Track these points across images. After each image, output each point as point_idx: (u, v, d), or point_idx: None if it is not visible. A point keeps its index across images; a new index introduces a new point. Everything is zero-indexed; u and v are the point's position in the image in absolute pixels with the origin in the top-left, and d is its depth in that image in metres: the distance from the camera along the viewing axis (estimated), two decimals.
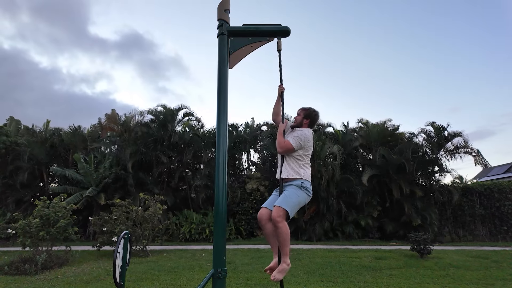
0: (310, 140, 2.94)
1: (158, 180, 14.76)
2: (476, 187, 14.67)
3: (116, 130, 15.18)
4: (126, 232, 2.48)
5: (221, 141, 2.72)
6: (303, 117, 3.08)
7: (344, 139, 14.73)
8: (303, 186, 2.77)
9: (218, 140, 2.72)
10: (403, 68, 49.25)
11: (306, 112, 3.10)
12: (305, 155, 2.91)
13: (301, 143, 2.86)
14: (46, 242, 7.60)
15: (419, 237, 8.58)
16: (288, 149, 2.87)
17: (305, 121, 3.06)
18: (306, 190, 2.79)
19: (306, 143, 2.89)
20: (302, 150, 2.89)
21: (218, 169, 2.65)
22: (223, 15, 2.98)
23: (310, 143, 2.94)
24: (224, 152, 2.72)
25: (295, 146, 2.85)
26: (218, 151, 2.71)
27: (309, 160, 2.95)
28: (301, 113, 3.11)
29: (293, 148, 2.85)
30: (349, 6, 44.53)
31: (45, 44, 44.60)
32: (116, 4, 47.07)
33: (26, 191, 14.66)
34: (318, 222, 13.27)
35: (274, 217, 2.63)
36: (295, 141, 2.86)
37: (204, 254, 9.20)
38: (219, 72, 2.88)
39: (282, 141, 2.91)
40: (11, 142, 14.32)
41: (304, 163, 2.89)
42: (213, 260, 2.42)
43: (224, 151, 2.72)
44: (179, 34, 55.55)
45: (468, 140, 13.39)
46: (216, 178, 2.64)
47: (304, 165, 2.89)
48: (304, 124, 3.05)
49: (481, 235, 14.08)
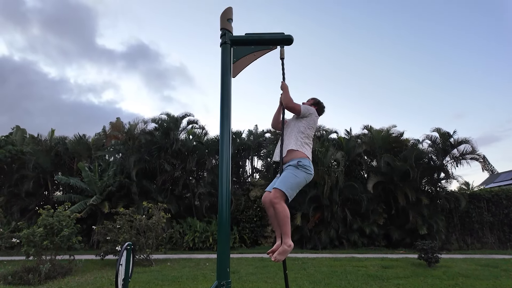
0: (316, 117, 3.03)
1: (161, 188, 14.74)
2: (484, 193, 14.44)
3: (121, 138, 15.26)
4: (129, 243, 2.46)
5: (225, 149, 2.70)
6: (312, 103, 3.20)
7: (348, 146, 14.64)
8: (300, 165, 2.75)
9: (222, 149, 2.70)
10: (406, 74, 49.21)
11: (315, 100, 3.24)
12: (308, 129, 2.93)
13: (308, 110, 2.96)
14: (50, 251, 7.57)
15: (426, 245, 8.42)
16: (295, 108, 2.92)
17: (314, 107, 3.17)
18: (304, 168, 2.75)
19: (312, 115, 2.97)
20: (305, 122, 2.94)
21: (222, 180, 2.62)
22: (226, 25, 2.99)
23: (315, 120, 3.01)
24: (228, 161, 2.69)
25: (302, 108, 2.93)
26: (222, 160, 2.69)
27: (310, 140, 2.97)
28: (310, 100, 3.24)
29: (299, 108, 2.92)
30: (353, 14, 44.83)
31: (54, 56, 45.71)
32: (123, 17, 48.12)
33: (31, 199, 14.71)
34: (323, 230, 13.12)
35: (271, 199, 2.66)
36: (304, 106, 2.98)
37: (208, 264, 9.11)
38: (222, 81, 2.88)
39: (291, 98, 2.93)
40: (17, 151, 14.45)
41: (305, 137, 2.90)
42: (217, 272, 2.38)
43: (227, 160, 2.69)
44: (184, 44, 56.37)
45: (476, 147, 13.24)
46: (220, 190, 2.60)
47: (305, 140, 2.90)
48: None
49: (490, 243, 13.81)
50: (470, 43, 47.79)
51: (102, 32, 50.53)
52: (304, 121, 2.93)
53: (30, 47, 44.52)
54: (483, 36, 46.94)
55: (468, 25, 47.04)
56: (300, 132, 2.88)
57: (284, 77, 3.05)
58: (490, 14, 47.81)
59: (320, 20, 47.00)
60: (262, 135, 16.41)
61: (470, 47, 47.95)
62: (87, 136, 16.09)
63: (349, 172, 14.58)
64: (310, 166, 2.82)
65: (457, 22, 47.01)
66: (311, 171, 2.81)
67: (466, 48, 48.23)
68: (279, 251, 2.66)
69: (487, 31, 47.40)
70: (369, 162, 15.41)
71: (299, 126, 2.92)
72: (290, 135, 2.93)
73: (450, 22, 46.29)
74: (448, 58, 46.04)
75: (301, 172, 2.75)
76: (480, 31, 47.20)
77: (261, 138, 16.31)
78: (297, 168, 2.74)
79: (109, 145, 15.59)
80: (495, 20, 47.87)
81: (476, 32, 47.07)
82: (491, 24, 47.84)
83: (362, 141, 15.05)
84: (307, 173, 2.79)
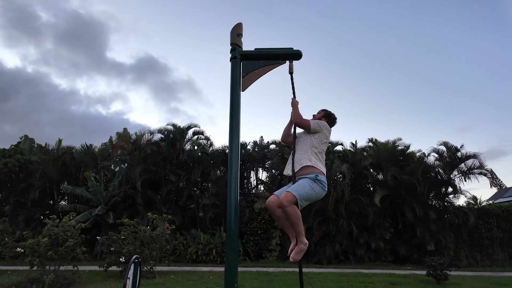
0: (328, 131, 2.95)
1: (166, 199, 14.72)
2: (493, 209, 14.17)
3: (127, 148, 15.36)
4: (136, 257, 2.45)
5: (233, 163, 2.71)
6: (322, 115, 3.12)
7: (354, 158, 14.55)
8: (318, 179, 2.69)
9: (231, 162, 2.71)
10: (411, 86, 49.22)
11: (325, 112, 3.15)
12: (321, 144, 2.87)
13: (320, 125, 2.89)
14: (54, 262, 7.54)
15: (435, 261, 8.23)
16: (304, 124, 2.88)
17: (324, 120, 3.09)
18: (321, 184, 2.70)
19: (324, 130, 2.89)
20: (318, 137, 2.87)
21: (230, 193, 2.61)
22: (236, 40, 3.05)
23: (327, 134, 2.93)
24: (236, 174, 2.69)
25: (312, 124, 2.87)
26: (230, 173, 2.69)
27: (323, 154, 2.90)
28: (320, 112, 3.16)
29: (308, 124, 2.87)
30: (359, 27, 45.29)
31: (65, 68, 46.95)
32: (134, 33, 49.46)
33: (36, 209, 14.77)
34: (328, 244, 12.92)
35: (282, 201, 2.60)
36: (313, 122, 2.90)
37: (212, 277, 8.98)
38: (232, 95, 2.91)
39: (300, 115, 2.90)
40: (25, 160, 14.60)
41: (318, 152, 2.83)
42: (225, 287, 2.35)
43: (236, 173, 2.69)
44: (192, 57, 57.33)
45: (484, 162, 13.07)
46: (229, 205, 2.59)
47: (319, 154, 2.83)
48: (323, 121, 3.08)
49: (500, 260, 13.46)
50: (475, 54, 47.84)
51: (113, 47, 51.94)
52: (316, 136, 2.88)
53: (43, 59, 45.94)
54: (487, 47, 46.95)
55: (474, 35, 47.18)
56: (313, 147, 2.82)
57: (294, 92, 3.07)
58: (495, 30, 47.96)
59: (325, 32, 47.56)
60: (267, 146, 16.42)
61: (476, 59, 47.96)
62: (93, 146, 16.25)
63: (355, 185, 14.44)
64: (326, 182, 2.77)
65: (463, 37, 47.20)
66: (325, 188, 2.76)
67: (472, 61, 48.26)
68: (296, 251, 2.63)
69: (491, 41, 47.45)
70: (375, 175, 15.27)
71: (312, 141, 2.86)
72: (302, 150, 2.86)
73: (457, 37, 46.51)
74: (453, 71, 46.03)
75: (318, 187, 2.69)
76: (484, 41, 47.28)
77: (266, 150, 16.31)
78: (315, 182, 2.68)
79: (115, 155, 15.69)
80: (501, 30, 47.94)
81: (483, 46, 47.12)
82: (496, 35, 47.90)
83: (368, 153, 14.96)
84: (323, 189, 2.73)
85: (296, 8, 49.17)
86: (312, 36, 45.55)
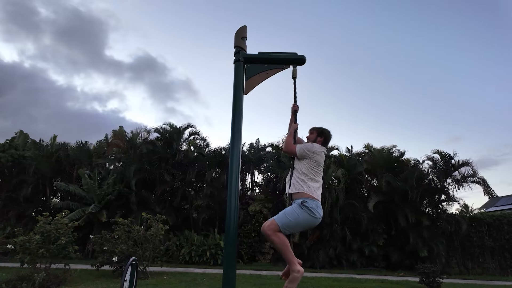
0: (318, 154, 2.81)
1: (160, 198, 14.62)
2: (485, 217, 14.32)
3: (122, 147, 15.24)
4: (134, 259, 2.42)
5: (234, 164, 2.71)
6: (316, 135, 3.03)
7: (349, 164, 14.60)
8: (305, 205, 2.58)
9: (232, 163, 2.71)
10: (406, 97, 49.77)
11: (319, 130, 3.06)
12: (311, 170, 2.75)
13: (305, 151, 2.79)
14: (45, 260, 7.43)
15: (428, 269, 8.29)
16: (291, 151, 2.85)
17: (319, 139, 3.01)
18: (307, 210, 2.58)
19: (312, 155, 2.78)
20: (307, 163, 2.77)
21: (231, 197, 2.60)
22: (240, 43, 3.05)
23: (317, 158, 2.80)
24: (237, 176, 2.70)
25: (298, 151, 2.80)
26: (231, 174, 2.69)
27: (317, 177, 2.78)
28: (314, 132, 3.07)
29: (295, 152, 2.81)
30: (355, 34, 45.75)
31: (63, 65, 46.62)
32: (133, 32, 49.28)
33: (28, 205, 14.56)
34: (322, 248, 12.93)
35: (264, 230, 2.58)
36: (300, 148, 2.83)
37: (205, 279, 8.93)
38: (235, 98, 2.92)
39: (290, 142, 2.89)
40: (19, 156, 14.40)
41: (308, 179, 2.72)
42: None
43: (236, 175, 2.70)
44: (191, 58, 57.27)
45: (477, 170, 13.23)
46: (228, 212, 2.58)
47: (308, 181, 2.71)
48: (318, 141, 2.99)
49: (491, 268, 13.59)
50: (469, 64, 48.53)
51: (111, 45, 51.73)
52: (305, 163, 2.77)
53: (40, 55, 45.55)
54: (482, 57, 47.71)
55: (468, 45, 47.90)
56: (302, 174, 2.74)
57: (295, 97, 3.08)
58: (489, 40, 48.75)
59: (324, 38, 47.89)
60: (264, 149, 16.41)
61: (469, 69, 48.64)
62: (88, 144, 16.10)
63: (350, 190, 14.49)
64: (316, 209, 2.62)
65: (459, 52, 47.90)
66: (316, 215, 2.62)
67: (465, 70, 48.92)
68: (290, 279, 2.54)
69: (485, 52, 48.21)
70: (369, 180, 15.35)
71: (301, 168, 2.77)
72: (295, 174, 2.80)
73: (450, 46, 47.17)
74: (445, 80, 46.62)
75: (304, 213, 2.59)
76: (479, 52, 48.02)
77: (262, 152, 16.30)
78: (301, 208, 2.59)
79: (110, 153, 15.56)
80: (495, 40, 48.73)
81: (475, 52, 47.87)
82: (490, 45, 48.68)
83: (363, 159, 15.03)
84: (311, 215, 2.61)
85: (299, 14, 49.51)
86: (312, 41, 45.87)
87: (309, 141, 3.03)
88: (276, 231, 2.55)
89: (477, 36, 46.44)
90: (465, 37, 46.58)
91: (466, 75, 47.52)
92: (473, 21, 47.94)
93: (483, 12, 48.55)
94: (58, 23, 43.90)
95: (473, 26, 47.80)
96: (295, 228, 2.67)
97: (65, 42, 47.22)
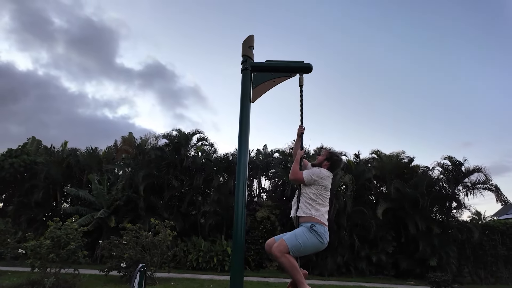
0: (325, 179, 2.81)
1: (168, 204, 14.70)
2: (498, 225, 13.98)
3: (131, 152, 15.43)
4: (142, 265, 2.45)
5: (242, 170, 2.74)
6: (324, 158, 3.02)
7: (357, 170, 14.47)
8: (314, 229, 2.61)
9: (239, 170, 2.74)
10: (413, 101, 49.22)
11: (328, 154, 3.05)
12: (319, 195, 2.76)
13: (313, 177, 2.78)
14: (55, 264, 7.53)
15: (438, 277, 8.14)
16: (298, 179, 2.82)
17: (325, 163, 2.99)
18: (316, 234, 2.61)
19: (320, 180, 2.77)
20: (315, 189, 2.77)
21: (238, 203, 2.62)
22: (247, 51, 3.10)
23: (325, 183, 2.80)
24: (244, 183, 2.72)
25: (305, 178, 2.79)
26: (238, 181, 2.71)
27: (325, 202, 2.79)
28: (324, 154, 3.07)
29: (303, 179, 2.79)
30: (364, 40, 45.61)
31: (75, 72, 47.99)
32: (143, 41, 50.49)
33: (39, 210, 14.80)
34: (330, 256, 12.78)
35: (273, 252, 2.59)
36: (307, 174, 2.81)
37: (212, 286, 8.91)
38: (242, 105, 2.96)
39: (296, 169, 2.87)
40: (31, 161, 14.70)
41: (316, 204, 2.73)
42: None
43: (244, 181, 2.72)
44: (200, 66, 58.13)
45: (489, 176, 12.92)
46: (236, 218, 2.60)
47: (317, 206, 2.72)
48: (324, 165, 2.98)
49: (504, 278, 13.22)
50: (479, 71, 47.86)
51: (122, 53, 53.07)
52: (313, 188, 2.77)
53: (54, 63, 47.05)
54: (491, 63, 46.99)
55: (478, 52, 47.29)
56: (311, 199, 2.74)
57: (302, 105, 3.09)
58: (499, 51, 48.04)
59: (334, 45, 47.93)
60: (271, 155, 16.40)
61: (479, 76, 47.94)
62: (98, 149, 16.35)
63: (358, 196, 14.35)
64: (323, 234, 2.65)
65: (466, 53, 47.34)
66: (323, 240, 2.65)
67: (475, 76, 48.25)
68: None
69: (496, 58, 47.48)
70: (378, 187, 15.18)
71: (309, 193, 2.77)
72: (303, 199, 2.79)
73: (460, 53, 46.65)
74: (456, 86, 46.01)
75: (313, 238, 2.62)
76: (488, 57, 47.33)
77: (269, 158, 16.29)
78: (310, 232, 2.62)
79: (119, 159, 15.75)
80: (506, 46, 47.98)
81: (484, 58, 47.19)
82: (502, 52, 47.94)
83: (371, 165, 14.89)
84: (319, 240, 2.63)
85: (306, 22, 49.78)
86: (320, 49, 45.96)
87: (317, 162, 3.05)
88: (285, 253, 2.57)
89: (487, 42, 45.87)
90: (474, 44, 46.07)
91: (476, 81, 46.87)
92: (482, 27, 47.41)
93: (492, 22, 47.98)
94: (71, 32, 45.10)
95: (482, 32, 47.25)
96: (303, 252, 2.66)
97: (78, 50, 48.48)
